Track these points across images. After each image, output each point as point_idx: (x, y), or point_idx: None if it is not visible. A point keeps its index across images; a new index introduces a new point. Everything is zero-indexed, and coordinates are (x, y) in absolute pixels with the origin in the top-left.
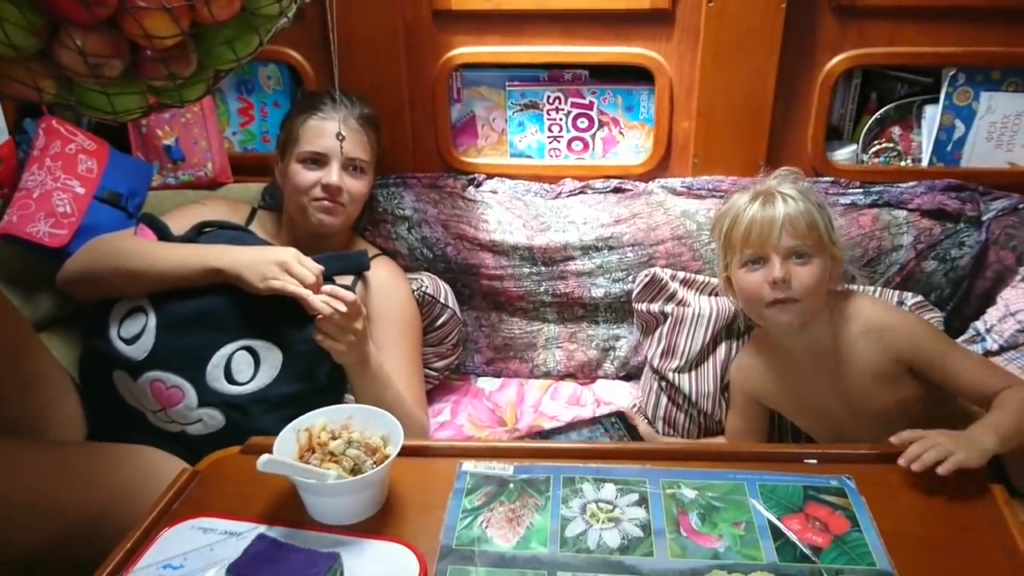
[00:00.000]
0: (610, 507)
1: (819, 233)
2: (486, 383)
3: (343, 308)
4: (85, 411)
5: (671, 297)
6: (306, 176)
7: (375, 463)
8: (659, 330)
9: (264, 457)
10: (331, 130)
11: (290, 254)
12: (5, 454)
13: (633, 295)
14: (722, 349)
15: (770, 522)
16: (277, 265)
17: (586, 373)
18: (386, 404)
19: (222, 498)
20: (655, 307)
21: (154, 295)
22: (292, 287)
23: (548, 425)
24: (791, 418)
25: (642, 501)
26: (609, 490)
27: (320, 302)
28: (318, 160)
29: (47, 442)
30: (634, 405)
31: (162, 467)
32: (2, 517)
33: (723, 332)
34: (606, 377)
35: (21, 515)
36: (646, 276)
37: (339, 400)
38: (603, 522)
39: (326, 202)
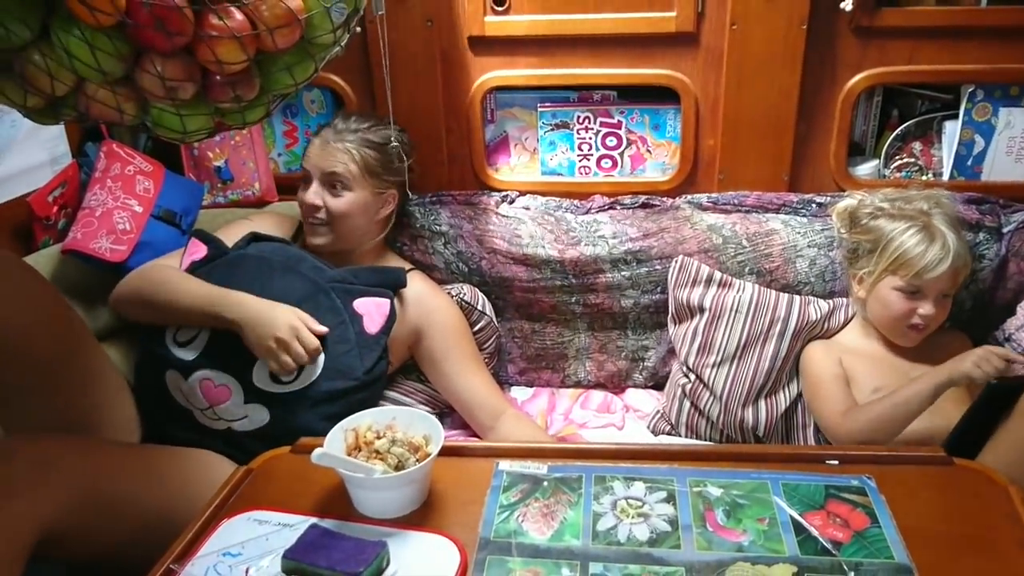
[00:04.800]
0: (639, 503)
1: (965, 277)
2: (519, 392)
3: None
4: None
5: (709, 280)
6: (299, 195)
7: (418, 460)
8: (695, 325)
9: (318, 451)
10: (315, 151)
11: (295, 324)
12: (96, 451)
13: (670, 284)
14: (764, 353)
15: (792, 518)
16: (276, 340)
17: (616, 383)
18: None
19: (274, 494)
20: (695, 295)
21: None
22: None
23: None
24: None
25: (670, 498)
26: (639, 488)
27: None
28: (305, 179)
29: (125, 443)
30: (658, 412)
31: (218, 468)
32: (93, 510)
33: (761, 337)
34: (636, 387)
35: (108, 510)
36: (676, 263)
37: (379, 394)
38: (633, 517)
39: (309, 220)
